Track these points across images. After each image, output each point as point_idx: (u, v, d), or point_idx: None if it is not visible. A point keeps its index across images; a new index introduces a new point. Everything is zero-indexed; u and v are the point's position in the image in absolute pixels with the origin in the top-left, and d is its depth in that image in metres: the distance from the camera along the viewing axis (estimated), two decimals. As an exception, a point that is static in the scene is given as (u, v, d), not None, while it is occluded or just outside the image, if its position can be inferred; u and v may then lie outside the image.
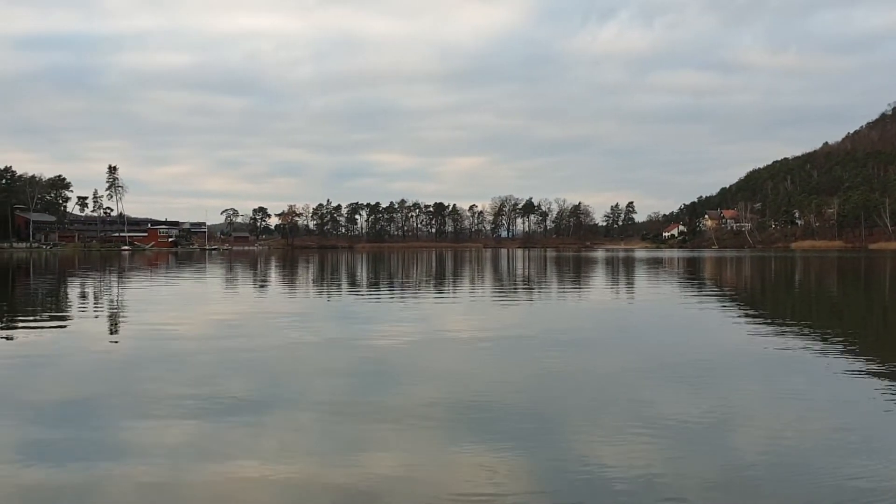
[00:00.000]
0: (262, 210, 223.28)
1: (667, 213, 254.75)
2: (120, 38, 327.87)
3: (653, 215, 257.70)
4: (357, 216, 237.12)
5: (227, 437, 7.72)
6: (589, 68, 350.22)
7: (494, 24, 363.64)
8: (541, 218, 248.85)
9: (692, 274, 50.24)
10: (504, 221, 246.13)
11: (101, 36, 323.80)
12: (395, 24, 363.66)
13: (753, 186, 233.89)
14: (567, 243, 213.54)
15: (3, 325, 18.87)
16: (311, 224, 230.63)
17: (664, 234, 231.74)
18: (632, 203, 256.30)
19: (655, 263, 69.59)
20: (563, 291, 31.66)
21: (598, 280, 41.49)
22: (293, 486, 6.32)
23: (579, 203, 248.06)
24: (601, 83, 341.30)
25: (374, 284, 37.04)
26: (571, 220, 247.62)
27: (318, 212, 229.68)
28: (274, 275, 50.08)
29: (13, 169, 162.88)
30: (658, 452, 7.19)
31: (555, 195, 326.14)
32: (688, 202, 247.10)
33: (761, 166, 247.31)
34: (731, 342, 15.14)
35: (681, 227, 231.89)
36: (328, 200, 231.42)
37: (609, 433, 7.84)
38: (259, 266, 66.03)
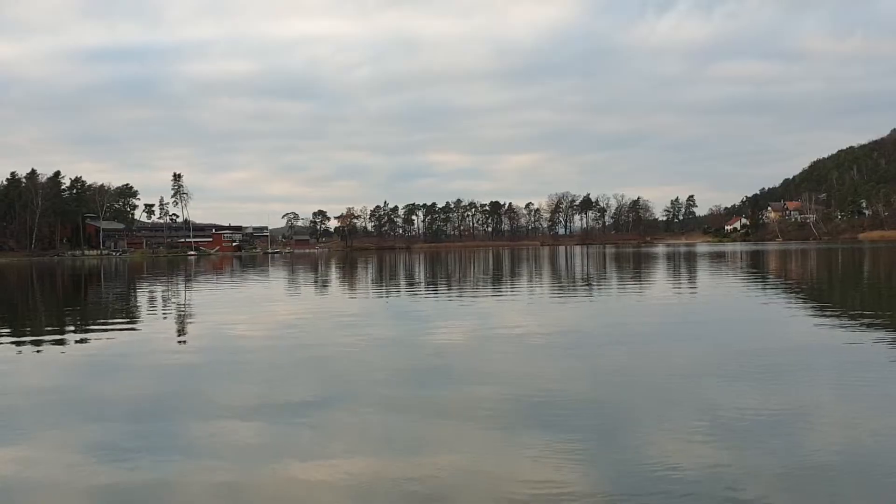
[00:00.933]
0: (321, 213, 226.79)
1: (728, 207, 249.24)
2: (183, 48, 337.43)
3: (714, 209, 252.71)
4: (414, 217, 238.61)
5: (293, 437, 7.87)
6: (647, 61, 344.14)
7: (550, 18, 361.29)
8: (599, 214, 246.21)
9: (756, 267, 49.01)
10: (561, 218, 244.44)
11: (165, 46, 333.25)
12: (452, 23, 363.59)
13: (818, 177, 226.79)
14: (626, 239, 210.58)
15: (77, 329, 19.62)
16: (369, 226, 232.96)
17: (726, 227, 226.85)
18: (692, 197, 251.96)
19: (718, 258, 68.13)
20: (624, 288, 31.27)
21: (659, 276, 40.83)
22: (359, 485, 6.40)
23: (638, 198, 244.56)
24: (660, 75, 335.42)
25: (431, 284, 37.23)
26: (630, 215, 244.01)
27: (375, 213, 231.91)
28: (334, 276, 50.76)
29: (83, 179, 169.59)
30: (726, 450, 7.04)
31: (613, 190, 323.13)
32: (750, 195, 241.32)
33: (825, 156, 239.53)
34: (799, 337, 14.74)
35: (743, 220, 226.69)
36: (385, 202, 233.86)
37: (675, 431, 7.72)
38: (320, 268, 67.01)
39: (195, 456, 7.28)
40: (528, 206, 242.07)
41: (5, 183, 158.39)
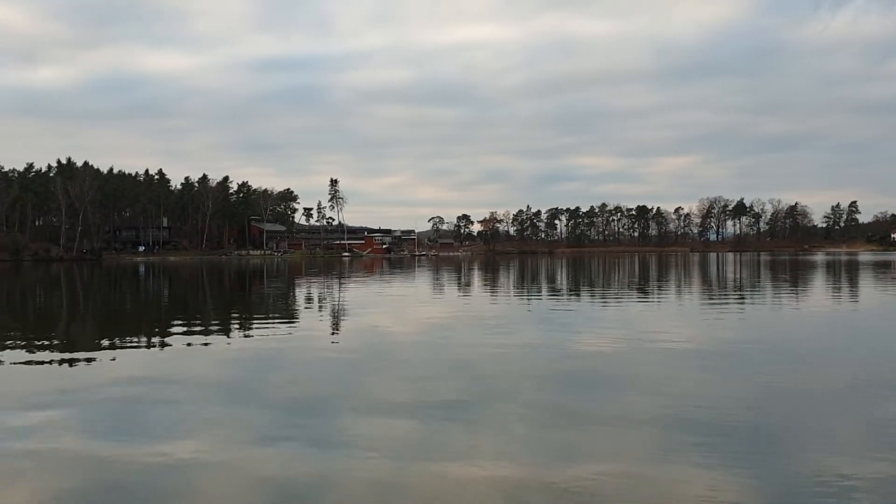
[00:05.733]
0: (465, 217, 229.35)
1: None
2: (349, 57, 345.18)
3: (879, 215, 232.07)
4: (557, 221, 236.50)
5: (443, 436, 8.08)
6: (818, 58, 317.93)
7: (715, 17, 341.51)
8: (753, 220, 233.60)
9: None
10: (713, 224, 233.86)
11: (332, 56, 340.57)
12: (611, 24, 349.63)
13: None
14: (782, 246, 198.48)
15: (242, 324, 21.08)
16: (512, 230, 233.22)
17: (893, 235, 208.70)
18: (855, 203, 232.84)
19: (884, 267, 62.98)
20: (781, 298, 29.67)
21: (819, 285, 38.38)
22: (507, 488, 6.48)
23: (796, 203, 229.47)
24: (831, 74, 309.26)
25: (575, 289, 36.90)
26: (787, 221, 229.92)
27: (518, 218, 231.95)
28: (478, 279, 51.39)
29: (249, 183, 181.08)
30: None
31: (769, 195, 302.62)
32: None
33: None
34: None
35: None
36: (528, 206, 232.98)
37: (848, 452, 7.29)
38: (464, 271, 68.01)
39: (350, 450, 7.60)
40: (677, 210, 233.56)
41: (180, 187, 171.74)
